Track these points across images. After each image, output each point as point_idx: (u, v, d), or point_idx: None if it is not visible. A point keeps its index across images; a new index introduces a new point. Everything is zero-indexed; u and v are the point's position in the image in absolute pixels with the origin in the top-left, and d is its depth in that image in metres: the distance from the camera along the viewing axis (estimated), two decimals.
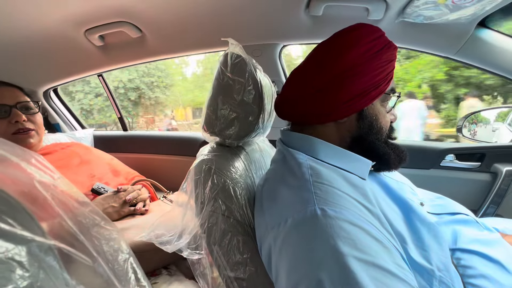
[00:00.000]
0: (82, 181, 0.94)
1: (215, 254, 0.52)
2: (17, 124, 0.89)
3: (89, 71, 1.35)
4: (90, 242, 0.22)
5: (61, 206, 0.22)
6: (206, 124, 0.61)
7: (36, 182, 0.22)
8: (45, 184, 0.22)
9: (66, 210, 0.22)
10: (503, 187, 0.98)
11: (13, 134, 0.89)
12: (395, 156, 0.51)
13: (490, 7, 0.72)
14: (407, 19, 0.84)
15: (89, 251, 0.22)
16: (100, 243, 0.24)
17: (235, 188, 0.54)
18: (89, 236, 0.23)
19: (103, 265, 0.23)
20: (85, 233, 0.22)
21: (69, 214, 0.22)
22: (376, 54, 0.46)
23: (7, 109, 0.89)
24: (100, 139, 1.57)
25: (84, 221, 0.24)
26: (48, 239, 0.19)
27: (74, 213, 0.23)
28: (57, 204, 0.22)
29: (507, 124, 1.22)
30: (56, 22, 0.95)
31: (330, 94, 0.47)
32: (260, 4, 0.88)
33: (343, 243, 0.32)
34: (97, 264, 0.22)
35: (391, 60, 0.48)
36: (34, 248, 0.18)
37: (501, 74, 0.91)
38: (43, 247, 0.18)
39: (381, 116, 0.50)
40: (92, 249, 0.22)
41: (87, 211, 0.25)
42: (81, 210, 0.24)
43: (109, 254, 0.25)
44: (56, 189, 0.23)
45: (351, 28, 0.49)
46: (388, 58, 0.47)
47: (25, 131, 0.91)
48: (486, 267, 0.44)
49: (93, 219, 0.25)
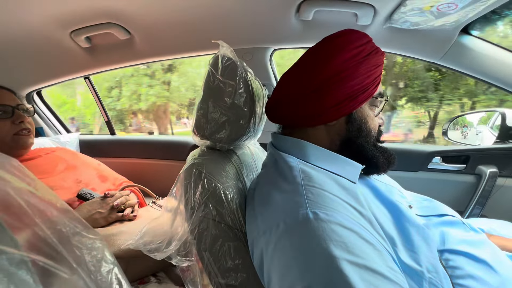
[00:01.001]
0: (68, 186, 0.90)
1: (206, 260, 0.51)
2: (20, 125, 0.90)
3: (75, 73, 1.31)
4: (70, 252, 0.21)
5: (38, 214, 0.20)
6: (196, 127, 0.60)
7: (10, 188, 0.20)
8: (20, 191, 0.20)
9: (44, 219, 0.21)
10: (487, 188, 1.01)
11: (14, 135, 0.90)
12: (384, 160, 0.52)
13: (473, 14, 0.74)
14: (394, 25, 0.86)
15: (69, 262, 0.20)
16: (81, 253, 0.22)
17: (226, 192, 0.53)
18: (69, 246, 0.21)
19: (84, 277, 0.21)
20: (65, 242, 0.21)
21: (47, 222, 0.21)
22: (364, 59, 0.48)
23: (9, 110, 0.89)
24: (86, 143, 1.53)
25: (64, 230, 0.22)
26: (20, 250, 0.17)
27: (53, 221, 0.21)
28: (34, 212, 0.20)
29: (489, 127, 1.26)
30: (41, 22, 0.92)
31: (319, 97, 0.48)
32: (251, 8, 0.88)
33: (335, 246, 0.32)
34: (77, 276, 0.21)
35: (379, 65, 0.49)
36: (3, 261, 0.16)
37: (484, 79, 0.95)
38: (14, 260, 0.17)
39: (370, 119, 0.51)
40: (72, 260, 0.21)
41: (67, 218, 0.23)
42: (60, 218, 0.22)
43: (92, 264, 0.23)
44: (33, 196, 0.21)
45: (340, 33, 0.50)
46: (375, 63, 0.49)
47: (28, 131, 0.93)
48: (473, 268, 0.44)
49: (74, 227, 0.23)
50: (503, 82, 0.93)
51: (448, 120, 1.27)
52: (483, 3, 0.68)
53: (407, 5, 0.74)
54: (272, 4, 0.86)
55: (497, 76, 0.92)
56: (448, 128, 1.24)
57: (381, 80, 0.51)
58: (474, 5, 0.69)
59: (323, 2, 0.83)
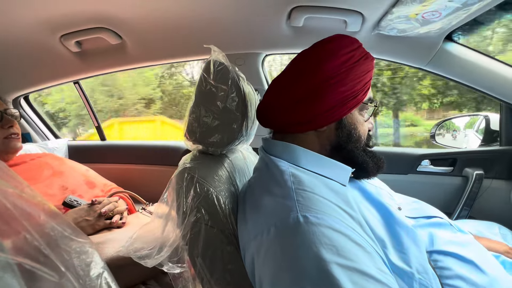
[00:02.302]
0: (54, 193, 0.88)
1: (198, 266, 0.50)
2: (9, 129, 0.91)
3: (65, 78, 1.29)
4: (59, 256, 0.20)
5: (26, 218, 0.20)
6: (188, 132, 0.60)
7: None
8: (7, 194, 0.20)
9: (32, 222, 0.20)
10: (474, 190, 1.03)
11: (4, 138, 0.90)
12: (373, 164, 0.53)
13: (456, 22, 0.78)
14: (382, 32, 0.89)
15: (57, 266, 0.20)
16: (70, 257, 0.22)
17: (219, 196, 0.53)
18: (58, 250, 0.21)
19: (72, 281, 0.21)
20: (53, 246, 0.20)
21: (35, 226, 0.20)
22: (354, 65, 0.48)
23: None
24: (75, 149, 1.49)
25: (52, 233, 0.21)
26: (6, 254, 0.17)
27: (41, 225, 0.21)
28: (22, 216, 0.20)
29: (475, 131, 1.31)
30: (29, 26, 0.90)
31: (309, 103, 0.48)
32: (243, 14, 0.90)
33: (326, 249, 0.33)
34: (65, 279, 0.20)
35: (368, 70, 0.50)
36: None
37: (467, 85, 0.98)
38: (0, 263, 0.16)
39: (359, 125, 0.52)
40: (60, 264, 0.20)
41: (56, 222, 0.22)
42: (49, 221, 0.22)
43: (80, 268, 0.22)
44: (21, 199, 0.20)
45: (330, 39, 0.51)
46: (365, 69, 0.49)
47: (17, 136, 0.94)
48: (461, 268, 0.45)
49: (63, 230, 0.23)
50: (485, 87, 0.96)
51: (435, 124, 1.31)
52: (465, 12, 0.71)
53: (393, 13, 0.77)
54: (264, 11, 0.87)
55: (480, 82, 0.96)
56: (435, 132, 1.28)
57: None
58: (456, 13, 0.72)
59: (313, 9, 0.85)
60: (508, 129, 1.06)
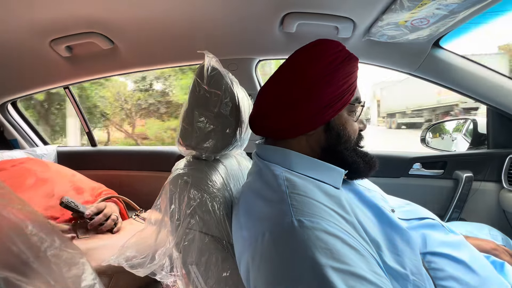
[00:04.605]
0: (38, 202, 0.83)
1: (193, 275, 0.49)
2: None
3: (54, 83, 1.27)
4: (47, 268, 0.19)
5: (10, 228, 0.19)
6: (182, 137, 0.59)
7: None
8: None
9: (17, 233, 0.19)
10: (464, 192, 1.05)
11: None
12: (365, 164, 0.53)
13: (443, 29, 0.80)
14: (372, 38, 0.91)
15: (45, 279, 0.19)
16: (59, 269, 0.21)
17: (213, 202, 0.52)
18: (46, 262, 0.20)
19: None
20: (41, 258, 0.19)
21: (21, 237, 0.19)
22: (338, 66, 0.48)
23: None
24: (65, 155, 1.46)
25: (40, 245, 0.21)
26: None
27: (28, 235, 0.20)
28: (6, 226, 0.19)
29: (463, 134, 1.34)
30: (18, 30, 0.89)
31: (296, 109, 0.48)
32: (236, 19, 0.90)
33: (320, 253, 0.32)
34: None
35: (353, 71, 0.50)
36: None
37: (456, 89, 1.01)
38: None
39: (348, 125, 0.52)
40: (49, 277, 0.19)
41: (44, 233, 0.21)
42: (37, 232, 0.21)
43: (71, 281, 0.21)
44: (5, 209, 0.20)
45: (313, 43, 0.52)
46: (350, 70, 0.50)
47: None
48: (454, 269, 0.46)
49: (52, 241, 0.22)
50: (472, 91, 0.99)
51: (425, 128, 1.34)
52: (452, 19, 0.74)
53: (383, 20, 0.79)
54: (257, 17, 0.88)
55: (467, 86, 0.98)
56: (425, 136, 1.30)
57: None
58: (444, 20, 0.74)
59: (306, 16, 0.86)
60: (495, 133, 1.09)
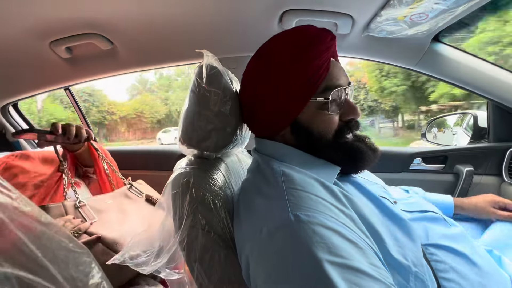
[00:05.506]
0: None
1: (196, 272, 0.49)
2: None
3: (55, 84, 1.27)
4: (56, 267, 0.20)
5: (21, 229, 0.19)
6: (183, 136, 0.60)
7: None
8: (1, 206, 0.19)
9: (27, 233, 0.20)
10: (465, 186, 1.06)
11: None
12: (347, 158, 0.49)
13: (442, 24, 0.80)
14: (372, 34, 0.90)
15: (55, 278, 0.20)
16: (67, 268, 0.21)
17: (215, 200, 0.53)
18: (55, 261, 0.20)
19: None
20: (50, 257, 0.20)
21: (31, 237, 0.20)
22: (288, 65, 0.48)
23: None
24: None
25: (49, 245, 0.21)
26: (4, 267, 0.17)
27: (37, 236, 0.21)
28: (17, 227, 0.19)
29: (464, 128, 1.34)
30: (18, 32, 0.89)
31: (255, 112, 0.52)
32: (235, 17, 0.90)
33: (317, 248, 0.33)
34: None
35: (310, 64, 0.46)
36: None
37: (455, 84, 1.01)
38: None
39: (319, 122, 0.49)
40: (59, 275, 0.20)
41: (52, 233, 0.22)
42: (45, 232, 0.22)
43: (79, 280, 0.22)
44: (16, 211, 0.20)
45: (266, 43, 0.56)
46: (303, 66, 0.47)
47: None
48: (454, 261, 0.46)
49: (59, 241, 0.22)
50: (472, 85, 0.99)
51: (426, 123, 1.34)
52: (451, 14, 0.73)
53: (382, 15, 0.78)
54: (256, 14, 0.88)
55: (467, 81, 0.98)
56: (426, 131, 1.31)
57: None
58: (443, 15, 0.74)
59: (304, 13, 0.86)
60: (495, 127, 1.09)
